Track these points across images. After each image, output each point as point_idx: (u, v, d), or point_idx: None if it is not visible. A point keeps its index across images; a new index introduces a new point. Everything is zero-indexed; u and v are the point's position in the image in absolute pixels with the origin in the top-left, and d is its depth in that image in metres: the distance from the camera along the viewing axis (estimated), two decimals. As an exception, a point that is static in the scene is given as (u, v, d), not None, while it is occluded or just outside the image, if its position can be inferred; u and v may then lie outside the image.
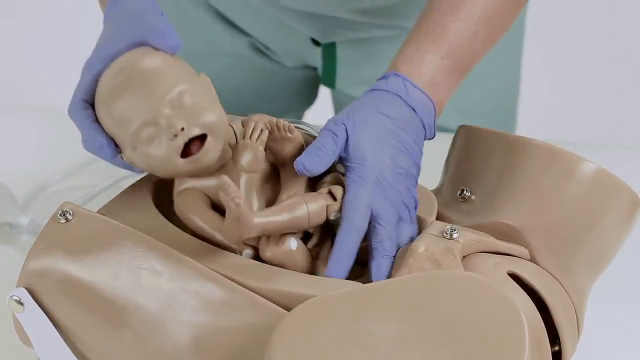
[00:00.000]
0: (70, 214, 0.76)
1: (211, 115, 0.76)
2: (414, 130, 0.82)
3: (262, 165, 0.78)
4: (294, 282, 0.74)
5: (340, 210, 0.77)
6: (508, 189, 0.80)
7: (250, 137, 0.78)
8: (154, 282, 0.73)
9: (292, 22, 1.14)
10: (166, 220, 0.80)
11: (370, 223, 0.78)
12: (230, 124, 0.81)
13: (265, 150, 0.79)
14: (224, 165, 0.79)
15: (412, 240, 0.79)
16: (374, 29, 1.14)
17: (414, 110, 0.82)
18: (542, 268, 0.79)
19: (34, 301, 0.74)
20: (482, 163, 0.83)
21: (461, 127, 0.87)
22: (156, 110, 0.75)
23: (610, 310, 0.92)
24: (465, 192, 0.83)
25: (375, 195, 0.78)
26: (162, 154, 0.75)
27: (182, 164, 0.75)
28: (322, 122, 0.83)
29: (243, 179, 0.78)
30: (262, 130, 0.78)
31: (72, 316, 0.74)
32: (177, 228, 0.79)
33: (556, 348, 0.77)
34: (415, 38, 0.86)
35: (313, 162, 0.78)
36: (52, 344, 0.74)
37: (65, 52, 2.54)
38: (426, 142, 0.84)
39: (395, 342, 0.65)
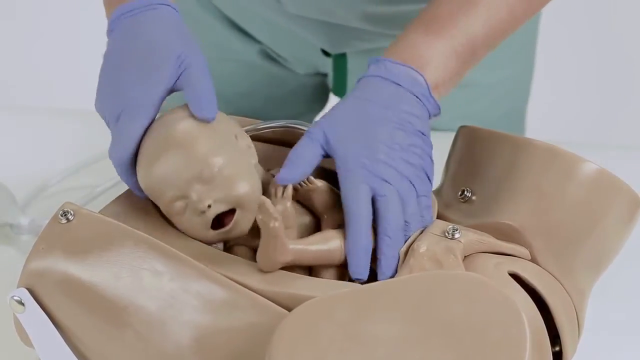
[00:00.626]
0: (71, 214, 0.76)
1: (242, 187, 0.77)
2: (405, 102, 0.80)
3: (294, 219, 0.78)
4: (296, 285, 0.74)
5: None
6: (509, 189, 0.80)
7: (276, 195, 0.78)
8: (155, 282, 0.73)
9: (303, 33, 1.13)
10: (166, 222, 0.80)
11: (372, 207, 0.77)
12: (272, 173, 0.82)
13: (303, 205, 0.80)
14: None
15: (423, 218, 0.79)
16: (385, 39, 1.13)
17: (397, 84, 0.80)
18: (543, 268, 0.79)
19: (34, 301, 0.74)
20: (482, 163, 0.83)
21: (462, 127, 0.87)
22: (187, 185, 0.76)
23: (610, 310, 0.92)
24: (466, 192, 0.83)
25: (369, 178, 0.77)
26: (193, 227, 0.77)
27: (213, 235, 0.77)
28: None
29: None
30: (285, 186, 0.78)
31: (73, 316, 0.74)
32: (176, 230, 0.79)
33: (557, 348, 0.77)
34: (406, 27, 0.85)
35: (291, 172, 0.78)
36: (53, 345, 0.74)
37: (65, 53, 2.55)
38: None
39: (396, 342, 0.65)
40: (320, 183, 0.79)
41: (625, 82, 2.55)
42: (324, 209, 0.80)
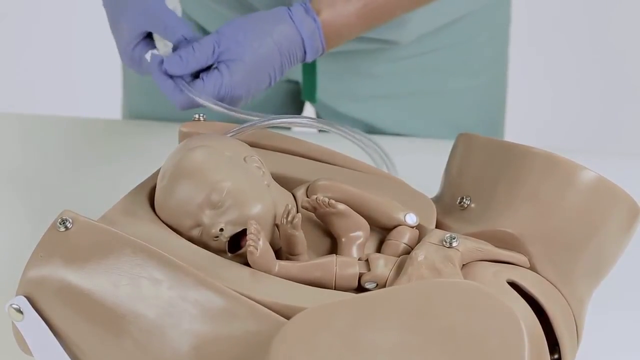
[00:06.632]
0: (69, 222, 0.76)
1: (253, 208, 0.78)
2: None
3: (303, 246, 0.78)
4: (295, 295, 0.74)
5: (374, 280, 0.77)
6: (507, 197, 0.80)
7: (282, 222, 0.77)
8: (153, 290, 0.73)
9: None
10: (166, 227, 0.80)
11: None
12: (293, 193, 0.83)
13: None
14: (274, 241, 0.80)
15: None
16: (354, 42, 1.13)
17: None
18: (542, 276, 0.79)
19: (33, 310, 0.74)
20: (481, 171, 0.83)
21: (460, 135, 0.87)
22: (198, 213, 0.78)
23: (609, 318, 0.92)
24: (464, 200, 0.83)
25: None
26: (212, 250, 0.78)
27: (232, 257, 0.78)
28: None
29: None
30: (291, 214, 0.77)
31: (71, 325, 0.74)
32: (177, 235, 0.79)
33: (555, 356, 0.77)
34: None
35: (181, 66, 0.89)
36: (52, 353, 0.74)
37: (58, 59, 2.55)
38: (425, 150, 0.84)
39: (394, 351, 0.65)
40: (341, 206, 0.80)
41: (624, 90, 2.56)
42: (343, 232, 0.80)
